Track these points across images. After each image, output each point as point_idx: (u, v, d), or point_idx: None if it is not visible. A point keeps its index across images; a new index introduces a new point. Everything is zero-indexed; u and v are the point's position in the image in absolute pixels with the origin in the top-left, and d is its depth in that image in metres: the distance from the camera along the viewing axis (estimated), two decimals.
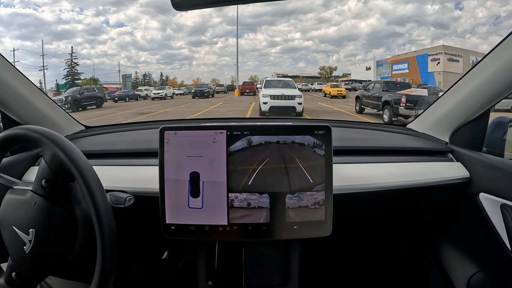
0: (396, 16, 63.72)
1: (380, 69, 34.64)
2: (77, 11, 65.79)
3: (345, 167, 0.97)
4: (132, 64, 63.55)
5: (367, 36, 66.20)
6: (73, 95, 15.73)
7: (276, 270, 0.99)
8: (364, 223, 1.35)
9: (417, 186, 0.96)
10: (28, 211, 0.66)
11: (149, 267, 1.42)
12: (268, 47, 74.79)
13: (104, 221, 0.61)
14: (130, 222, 1.00)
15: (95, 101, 16.78)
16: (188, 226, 0.79)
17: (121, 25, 68.82)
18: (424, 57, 28.32)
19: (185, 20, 73.95)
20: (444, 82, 24.25)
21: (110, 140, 1.23)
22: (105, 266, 0.61)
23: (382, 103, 9.64)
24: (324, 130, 0.79)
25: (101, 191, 0.63)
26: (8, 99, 1.00)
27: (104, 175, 0.69)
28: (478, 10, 56.12)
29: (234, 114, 12.53)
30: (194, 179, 0.79)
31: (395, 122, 8.51)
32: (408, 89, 10.91)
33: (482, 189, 0.94)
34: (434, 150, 1.10)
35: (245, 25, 72.75)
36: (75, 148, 0.66)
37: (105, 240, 0.61)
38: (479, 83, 0.95)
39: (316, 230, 0.80)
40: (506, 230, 0.85)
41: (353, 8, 71.51)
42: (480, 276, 0.96)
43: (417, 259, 1.27)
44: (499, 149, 1.06)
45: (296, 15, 75.42)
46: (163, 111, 14.18)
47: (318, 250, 1.50)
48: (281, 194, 0.79)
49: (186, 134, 0.79)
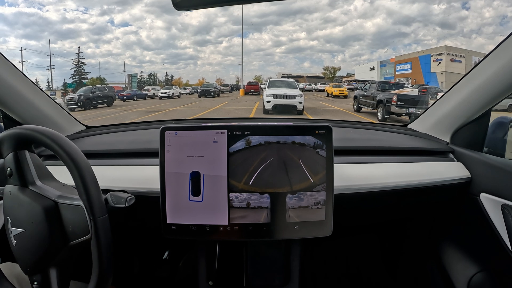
0: (402, 15, 63.33)
1: (383, 69, 34.50)
2: (82, 10, 65.88)
3: (345, 167, 0.97)
4: (137, 63, 63.61)
5: (373, 36, 65.89)
6: (85, 94, 16.08)
7: (277, 270, 0.99)
8: (365, 223, 1.35)
9: (418, 186, 0.96)
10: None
11: (149, 267, 1.42)
12: (273, 47, 74.50)
13: (102, 235, 0.62)
14: (130, 222, 1.01)
15: (106, 100, 17.15)
16: (188, 226, 0.79)
17: (126, 24, 68.83)
18: (427, 58, 28.22)
19: (190, 19, 73.85)
20: (446, 82, 24.17)
21: (111, 140, 1.23)
22: (102, 265, 0.62)
23: (376, 102, 10.35)
24: (324, 130, 0.79)
25: (97, 191, 0.65)
26: (9, 99, 1.01)
27: (105, 175, 0.70)
28: (485, 10, 55.55)
29: (239, 112, 12.81)
30: (195, 179, 0.79)
31: (387, 119, 9.30)
32: (400, 89, 11.70)
33: (483, 189, 0.93)
34: (435, 150, 1.10)
35: (250, 25, 72.64)
36: (75, 147, 0.67)
37: (102, 253, 0.62)
38: (480, 83, 0.95)
39: (316, 230, 0.80)
40: (506, 230, 0.85)
41: (359, 7, 71.12)
42: (481, 276, 0.96)
43: (418, 259, 1.27)
44: (500, 149, 1.06)
45: (302, 15, 75.09)
46: (172, 109, 14.41)
47: (318, 250, 1.50)
48: (282, 194, 0.79)
49: (187, 134, 0.79)
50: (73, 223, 0.66)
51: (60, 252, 0.68)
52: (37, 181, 0.72)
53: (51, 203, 0.68)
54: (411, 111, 8.85)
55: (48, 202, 0.68)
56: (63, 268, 0.70)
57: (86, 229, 0.64)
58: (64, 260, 0.70)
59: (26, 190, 0.70)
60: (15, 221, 0.70)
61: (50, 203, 0.68)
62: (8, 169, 0.71)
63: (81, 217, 0.64)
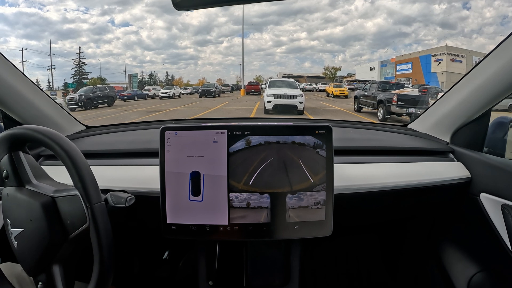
0: (403, 15, 63.23)
1: (384, 69, 34.48)
2: (82, 10, 65.97)
3: (346, 167, 0.97)
4: (137, 63, 63.67)
5: (374, 36, 65.81)
6: (86, 94, 16.15)
7: (277, 270, 0.99)
8: (365, 223, 1.35)
9: (418, 186, 0.96)
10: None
11: (149, 267, 1.42)
12: (274, 46, 74.49)
13: (99, 221, 0.62)
14: (130, 222, 1.01)
15: (107, 100, 17.23)
16: (188, 226, 0.79)
17: (127, 24, 68.87)
18: (428, 58, 28.21)
19: (191, 19, 73.84)
20: (447, 82, 24.17)
21: (111, 140, 1.23)
22: (103, 255, 0.62)
23: (377, 102, 10.40)
24: (325, 130, 0.79)
25: (91, 178, 0.65)
26: (9, 99, 1.01)
27: (105, 175, 0.70)
28: (485, 10, 55.46)
29: (240, 112, 12.89)
30: (195, 179, 0.79)
31: (388, 119, 9.35)
32: (401, 89, 11.74)
33: (483, 189, 0.93)
34: (435, 150, 1.10)
35: (250, 25, 72.58)
36: (75, 147, 0.67)
37: (101, 240, 0.62)
38: (480, 83, 0.95)
39: (316, 230, 0.80)
40: (506, 230, 0.84)
41: (360, 7, 71.02)
42: (481, 276, 0.96)
43: (418, 259, 1.27)
44: (500, 149, 1.06)
45: (303, 15, 75.03)
46: (173, 109, 14.47)
47: (318, 250, 1.50)
48: (282, 194, 0.79)
49: (187, 134, 0.79)
50: (70, 214, 0.67)
51: (62, 247, 0.68)
52: (33, 180, 0.73)
53: (48, 199, 0.68)
54: (411, 111, 8.90)
55: (45, 198, 0.68)
56: (66, 265, 0.70)
57: (83, 218, 0.64)
58: (67, 257, 0.70)
59: (23, 189, 0.71)
60: (15, 222, 0.70)
61: (47, 198, 0.68)
62: (4, 172, 0.72)
63: (77, 206, 0.65)
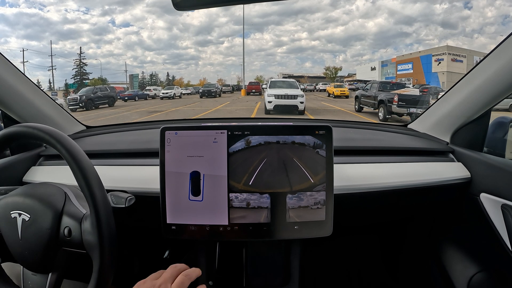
0: (403, 15, 63.29)
1: (385, 69, 34.48)
2: (83, 10, 66.31)
3: (346, 167, 0.97)
4: (138, 64, 63.89)
5: (375, 35, 65.91)
6: (87, 94, 16.25)
7: (277, 270, 0.99)
8: (365, 223, 1.35)
9: (418, 186, 0.96)
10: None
11: (149, 266, 1.42)
12: (275, 47, 74.78)
13: (103, 221, 0.62)
14: (130, 222, 1.01)
15: (108, 100, 17.31)
16: (188, 226, 0.79)
17: (127, 24, 69.16)
18: (428, 58, 28.20)
19: (192, 19, 74.15)
20: (447, 82, 24.16)
21: (111, 140, 1.23)
22: (104, 265, 0.62)
23: (378, 102, 10.43)
24: (325, 130, 0.79)
25: (102, 191, 0.64)
26: (9, 99, 1.01)
27: (105, 175, 0.69)
28: (487, 10, 55.37)
29: (241, 113, 12.92)
30: (195, 179, 0.79)
31: (389, 119, 9.39)
32: (402, 89, 11.78)
33: (483, 189, 0.93)
34: (435, 150, 1.10)
35: (251, 25, 72.77)
36: (78, 147, 0.66)
37: (104, 239, 0.62)
38: (480, 83, 0.95)
39: (316, 230, 0.80)
40: (507, 230, 0.84)
41: (361, 7, 71.22)
42: (481, 276, 0.96)
43: (418, 259, 1.27)
44: (500, 149, 1.06)
45: (304, 15, 75.30)
46: (174, 110, 14.53)
47: (319, 250, 1.50)
48: (282, 194, 0.79)
49: (187, 134, 0.79)
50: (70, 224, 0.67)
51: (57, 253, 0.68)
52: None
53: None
54: (412, 111, 8.90)
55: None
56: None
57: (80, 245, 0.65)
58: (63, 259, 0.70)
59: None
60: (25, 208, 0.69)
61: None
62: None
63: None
